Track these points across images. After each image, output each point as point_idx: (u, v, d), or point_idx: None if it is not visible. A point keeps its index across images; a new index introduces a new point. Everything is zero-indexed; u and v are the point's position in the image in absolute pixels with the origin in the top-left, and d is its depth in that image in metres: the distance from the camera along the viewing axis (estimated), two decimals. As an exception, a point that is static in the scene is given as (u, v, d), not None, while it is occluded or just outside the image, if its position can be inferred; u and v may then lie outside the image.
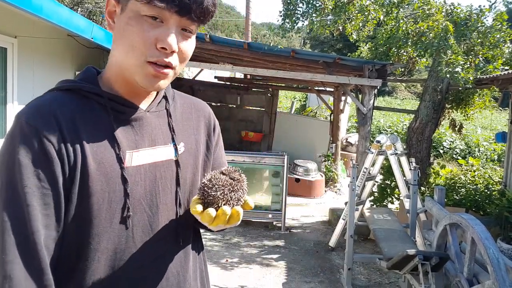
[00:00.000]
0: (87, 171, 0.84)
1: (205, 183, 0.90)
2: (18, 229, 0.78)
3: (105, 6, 0.92)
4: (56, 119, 0.83)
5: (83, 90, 0.90)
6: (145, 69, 0.86)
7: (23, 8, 4.03)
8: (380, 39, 6.52)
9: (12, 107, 4.88)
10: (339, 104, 9.06)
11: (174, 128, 0.99)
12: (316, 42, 31.75)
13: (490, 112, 9.85)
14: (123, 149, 0.89)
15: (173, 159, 0.98)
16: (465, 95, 5.85)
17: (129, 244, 0.90)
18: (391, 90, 31.48)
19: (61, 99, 0.88)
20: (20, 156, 0.79)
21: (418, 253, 2.87)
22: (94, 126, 0.88)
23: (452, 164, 11.54)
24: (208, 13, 0.88)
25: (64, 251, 0.85)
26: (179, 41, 0.87)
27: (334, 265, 4.48)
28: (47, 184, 0.80)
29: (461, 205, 5.23)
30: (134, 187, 0.90)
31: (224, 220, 0.87)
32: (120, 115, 0.91)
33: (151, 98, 0.99)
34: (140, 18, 0.84)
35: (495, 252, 2.35)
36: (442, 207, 3.46)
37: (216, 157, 1.11)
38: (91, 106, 0.89)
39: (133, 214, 0.90)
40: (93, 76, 0.95)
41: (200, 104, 1.12)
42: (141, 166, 0.92)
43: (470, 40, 5.33)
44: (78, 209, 0.84)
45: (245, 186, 0.92)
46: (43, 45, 5.55)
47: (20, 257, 0.77)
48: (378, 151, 4.46)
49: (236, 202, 0.90)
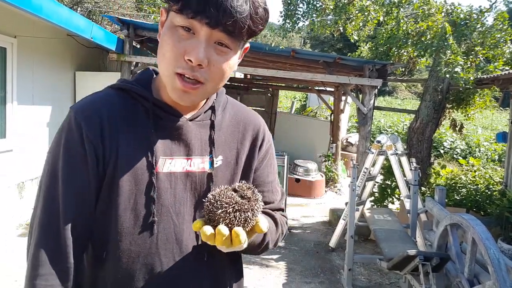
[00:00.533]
0: (118, 170, 0.87)
1: (209, 198, 0.83)
2: (50, 214, 0.86)
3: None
4: (100, 117, 0.87)
5: (132, 91, 0.93)
6: (174, 81, 0.85)
7: (23, 8, 4.03)
8: (380, 39, 6.51)
9: (12, 107, 4.87)
10: (339, 104, 9.05)
11: (214, 140, 0.96)
12: (316, 42, 31.75)
13: (490, 112, 9.84)
14: (157, 155, 0.90)
15: (207, 171, 0.95)
16: (466, 95, 5.83)
17: (152, 250, 0.90)
18: (392, 90, 31.47)
19: (111, 97, 0.92)
20: (63, 147, 0.86)
21: (419, 254, 2.87)
22: (133, 128, 0.90)
23: (452, 164, 11.53)
24: (243, 27, 0.81)
25: (91, 242, 0.91)
26: (210, 55, 0.83)
27: (334, 266, 4.47)
28: (82, 176, 0.86)
29: (461, 205, 5.22)
30: (163, 194, 0.90)
31: (221, 241, 0.80)
32: (160, 121, 0.92)
33: (198, 107, 0.97)
34: (174, 28, 0.83)
35: (495, 252, 2.34)
36: (442, 207, 3.46)
37: (259, 174, 1.04)
38: (136, 108, 0.92)
39: (159, 220, 0.90)
40: (147, 79, 0.97)
41: (251, 117, 1.06)
42: (172, 173, 0.92)
43: (471, 40, 5.31)
44: (106, 205, 0.88)
45: (257, 206, 0.83)
46: (43, 45, 5.54)
47: (47, 238, 0.85)
48: (378, 151, 4.45)
49: (241, 223, 0.81)
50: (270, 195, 1.06)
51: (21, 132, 5.10)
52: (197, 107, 0.97)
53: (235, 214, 0.80)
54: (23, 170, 5.18)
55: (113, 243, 0.89)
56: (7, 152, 4.84)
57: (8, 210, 4.85)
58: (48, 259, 0.84)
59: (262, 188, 1.03)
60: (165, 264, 0.91)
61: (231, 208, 0.80)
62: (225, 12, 0.78)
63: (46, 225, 0.86)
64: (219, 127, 0.99)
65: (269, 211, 1.04)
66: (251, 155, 1.02)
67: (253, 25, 0.83)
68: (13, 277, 3.61)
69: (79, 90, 6.53)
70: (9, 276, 3.61)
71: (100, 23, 9.85)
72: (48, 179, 0.88)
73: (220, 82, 0.88)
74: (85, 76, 6.55)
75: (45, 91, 5.67)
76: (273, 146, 1.10)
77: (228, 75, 0.89)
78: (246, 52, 0.96)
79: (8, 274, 3.65)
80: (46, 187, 0.88)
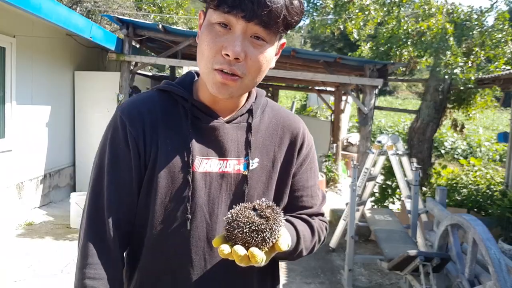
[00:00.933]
0: (156, 167, 0.92)
1: (228, 216, 0.83)
2: (96, 207, 0.92)
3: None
4: (142, 117, 0.93)
5: (173, 92, 0.97)
6: (213, 76, 0.87)
7: (22, 8, 4.01)
8: (381, 39, 6.50)
9: (11, 106, 4.87)
10: (340, 104, 9.04)
11: (251, 143, 0.97)
12: (316, 41, 31.73)
13: (492, 112, 9.82)
14: (193, 154, 0.93)
15: (242, 173, 0.97)
16: (467, 95, 5.83)
17: (184, 246, 0.94)
18: (392, 90, 31.47)
19: (154, 98, 0.98)
20: (109, 144, 0.93)
21: (419, 254, 2.86)
22: (173, 128, 0.94)
23: (453, 164, 11.52)
24: (278, 18, 0.83)
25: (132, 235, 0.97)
26: (247, 49, 0.85)
27: (334, 266, 4.46)
28: (125, 172, 0.92)
29: (462, 205, 5.21)
30: (198, 192, 0.93)
31: (239, 259, 0.80)
32: (198, 122, 0.95)
33: (235, 109, 0.99)
34: (212, 26, 0.86)
35: (496, 252, 2.34)
36: (443, 207, 3.44)
37: (299, 179, 1.04)
38: (177, 108, 0.96)
39: (193, 218, 0.93)
40: (189, 81, 1.01)
41: (290, 120, 1.05)
42: (208, 173, 0.94)
43: (472, 40, 5.30)
44: (145, 200, 0.94)
45: (277, 225, 0.82)
46: (42, 44, 5.53)
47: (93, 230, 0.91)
48: (379, 151, 4.43)
49: (258, 243, 0.81)
50: (310, 199, 1.06)
51: (20, 132, 5.09)
52: (235, 109, 0.99)
53: (251, 234, 0.80)
54: (22, 170, 5.18)
55: (148, 237, 0.94)
56: (6, 152, 4.83)
57: (7, 210, 4.84)
58: (95, 249, 0.89)
59: (301, 192, 1.04)
60: (195, 261, 0.94)
61: (247, 228, 0.80)
62: (259, 3, 0.80)
63: (92, 217, 0.92)
64: (256, 130, 1.00)
65: (306, 218, 1.03)
66: (289, 160, 1.02)
67: (288, 16, 0.84)
68: (12, 277, 3.60)
69: (78, 90, 6.52)
70: (8, 276, 3.60)
71: (100, 22, 9.85)
72: (95, 174, 0.94)
73: (257, 75, 0.89)
74: (84, 75, 6.54)
75: (44, 90, 5.67)
76: (314, 150, 1.09)
77: (265, 69, 0.90)
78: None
79: (7, 274, 3.64)
80: (93, 181, 0.94)
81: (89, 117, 6.50)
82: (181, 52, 6.95)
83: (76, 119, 6.54)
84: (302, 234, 0.97)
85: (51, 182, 5.92)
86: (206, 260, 0.95)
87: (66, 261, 3.93)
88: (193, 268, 0.94)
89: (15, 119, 4.95)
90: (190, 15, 12.62)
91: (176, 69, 9.93)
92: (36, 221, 5.16)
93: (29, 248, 4.27)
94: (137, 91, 6.09)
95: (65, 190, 6.35)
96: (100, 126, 6.48)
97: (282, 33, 0.89)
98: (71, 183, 6.54)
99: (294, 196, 1.03)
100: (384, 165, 5.17)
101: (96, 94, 6.46)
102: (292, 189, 1.03)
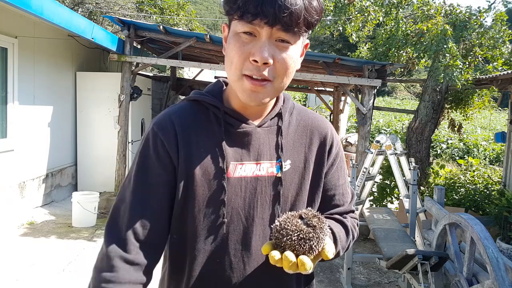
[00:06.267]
0: (192, 176, 0.94)
1: (276, 225, 0.86)
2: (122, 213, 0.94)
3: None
4: (175, 129, 0.96)
5: (205, 102, 1.00)
6: (243, 83, 0.89)
7: (24, 9, 4.04)
8: (379, 40, 6.53)
9: (13, 107, 4.89)
10: (338, 104, 9.07)
11: (282, 145, 1.00)
12: (315, 42, 31.75)
13: (489, 112, 9.86)
14: (228, 160, 0.96)
15: (276, 175, 0.99)
16: (465, 95, 5.86)
17: (223, 249, 0.97)
18: (391, 90, 31.51)
19: (185, 109, 1.00)
20: (140, 155, 0.96)
21: (418, 253, 2.88)
22: (206, 136, 0.97)
23: (451, 164, 11.56)
24: (299, 19, 0.85)
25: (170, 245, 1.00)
26: (274, 53, 0.87)
27: (333, 265, 4.49)
28: (155, 183, 0.94)
29: (460, 204, 5.24)
30: (233, 197, 0.96)
31: (288, 266, 0.83)
32: (231, 128, 0.98)
33: (265, 113, 1.02)
34: (238, 35, 0.88)
35: (494, 251, 2.36)
36: (441, 206, 3.47)
37: (330, 178, 1.07)
38: (209, 117, 0.99)
39: (230, 222, 0.96)
40: (218, 90, 1.03)
41: (318, 121, 1.08)
42: (242, 178, 0.97)
43: (470, 41, 5.34)
44: (181, 208, 0.96)
45: (323, 234, 0.85)
46: (44, 45, 5.55)
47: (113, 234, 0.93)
48: (377, 151, 4.47)
49: (306, 251, 0.84)
50: (341, 197, 1.09)
51: (22, 132, 5.11)
52: (264, 113, 1.01)
53: (299, 242, 0.83)
54: (24, 170, 5.20)
55: (189, 243, 0.97)
56: (8, 152, 4.86)
57: (10, 209, 4.87)
58: (115, 252, 0.90)
59: (333, 191, 1.08)
60: (234, 264, 0.97)
61: (295, 236, 0.83)
62: (280, 7, 0.83)
63: (114, 221, 0.94)
64: (286, 133, 1.03)
65: (339, 218, 1.06)
66: (320, 161, 1.05)
67: (308, 16, 0.87)
68: (14, 276, 3.63)
69: (80, 91, 6.55)
70: (10, 276, 3.63)
71: (101, 23, 9.86)
72: (125, 182, 0.97)
73: (285, 77, 0.92)
74: (85, 76, 6.56)
75: (46, 91, 5.69)
76: (342, 149, 1.12)
77: (292, 70, 0.92)
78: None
79: (9, 274, 3.67)
80: (122, 188, 0.97)
81: (90, 117, 6.53)
82: (182, 53, 6.99)
83: (78, 119, 6.56)
84: (339, 236, 0.99)
85: (53, 181, 5.95)
86: (244, 262, 0.97)
87: (68, 260, 3.95)
88: (232, 271, 0.97)
89: (17, 119, 4.97)
90: (191, 17, 12.63)
91: (177, 70, 9.95)
92: (38, 220, 5.19)
93: (31, 247, 4.30)
94: (138, 91, 6.11)
95: (67, 189, 6.37)
96: (101, 126, 6.51)
97: (304, 33, 0.91)
98: (73, 182, 6.57)
99: (326, 195, 1.07)
100: (383, 164, 5.21)
101: (97, 94, 6.49)
102: (324, 188, 1.06)
